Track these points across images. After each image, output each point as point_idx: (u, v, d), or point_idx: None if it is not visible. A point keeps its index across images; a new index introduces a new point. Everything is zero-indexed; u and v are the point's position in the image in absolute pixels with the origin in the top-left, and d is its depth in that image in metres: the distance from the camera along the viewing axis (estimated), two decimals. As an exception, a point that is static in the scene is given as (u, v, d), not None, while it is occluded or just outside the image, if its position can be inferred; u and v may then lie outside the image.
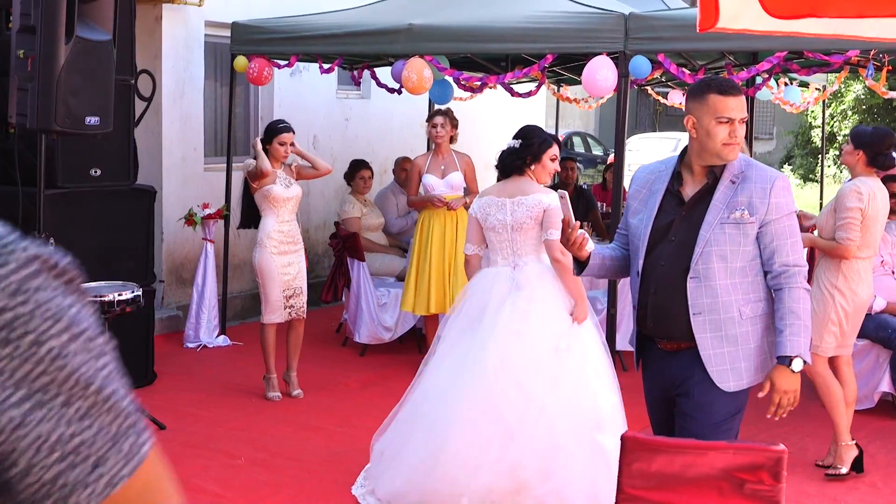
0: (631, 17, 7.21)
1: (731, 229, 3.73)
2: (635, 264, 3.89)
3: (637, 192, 3.97)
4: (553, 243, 5.30)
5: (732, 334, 3.76)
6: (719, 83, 3.81)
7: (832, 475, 5.81)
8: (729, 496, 3.20)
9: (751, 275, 3.77)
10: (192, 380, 7.72)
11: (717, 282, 3.74)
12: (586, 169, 24.70)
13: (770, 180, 3.77)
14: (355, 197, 9.24)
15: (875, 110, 24.76)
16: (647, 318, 3.87)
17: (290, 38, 8.46)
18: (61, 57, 5.79)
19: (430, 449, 5.26)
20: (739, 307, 3.75)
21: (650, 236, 3.83)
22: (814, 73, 8.51)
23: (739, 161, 3.82)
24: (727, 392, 3.79)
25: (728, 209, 3.74)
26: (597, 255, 3.92)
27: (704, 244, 3.73)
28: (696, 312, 3.76)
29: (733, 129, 3.74)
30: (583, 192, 10.81)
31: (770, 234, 3.74)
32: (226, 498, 5.45)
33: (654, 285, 3.83)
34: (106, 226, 7.22)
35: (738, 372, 3.78)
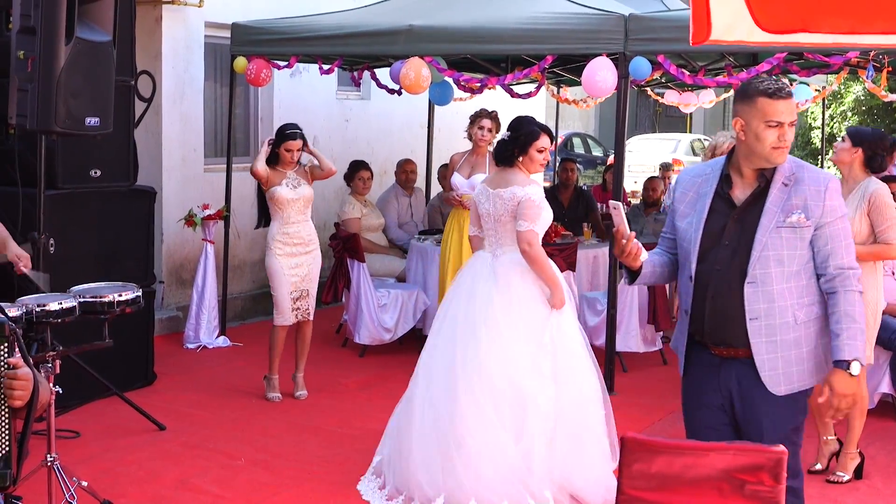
0: (631, 19, 7.22)
1: (788, 233, 3.70)
2: (687, 268, 3.83)
3: (683, 195, 3.91)
4: (522, 234, 5.45)
5: (786, 339, 3.73)
6: (768, 86, 3.71)
7: (833, 481, 5.80)
8: (729, 497, 3.20)
9: (805, 278, 3.75)
10: (192, 380, 7.72)
11: (774, 286, 3.71)
12: (586, 170, 24.69)
13: (823, 182, 3.73)
14: (355, 198, 9.25)
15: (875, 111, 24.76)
16: (703, 324, 3.82)
17: (289, 39, 8.46)
18: (61, 58, 5.79)
19: (436, 446, 5.35)
20: (794, 311, 3.73)
21: (702, 240, 3.79)
22: (814, 73, 8.51)
23: (790, 163, 3.78)
24: (787, 399, 3.76)
25: (783, 213, 3.70)
26: (648, 263, 3.88)
27: (761, 249, 3.70)
28: (753, 318, 3.72)
29: (782, 133, 3.69)
30: (583, 194, 10.81)
31: (825, 237, 3.71)
32: (226, 499, 5.45)
33: (711, 290, 3.77)
34: (106, 227, 7.21)
35: (789, 377, 3.75)
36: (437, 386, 5.47)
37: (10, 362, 2.96)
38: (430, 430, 5.38)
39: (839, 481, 5.79)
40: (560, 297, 5.44)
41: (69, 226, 6.87)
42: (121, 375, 7.00)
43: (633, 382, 7.84)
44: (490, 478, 5.22)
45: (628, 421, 6.74)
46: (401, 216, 9.89)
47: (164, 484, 5.62)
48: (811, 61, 7.96)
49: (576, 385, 5.45)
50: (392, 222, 9.76)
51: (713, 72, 9.24)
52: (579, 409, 5.43)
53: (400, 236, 9.68)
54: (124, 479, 5.65)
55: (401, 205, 9.91)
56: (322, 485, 5.65)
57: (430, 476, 5.29)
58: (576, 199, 10.58)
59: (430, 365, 5.58)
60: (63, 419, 6.27)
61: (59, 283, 5.92)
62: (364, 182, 9.26)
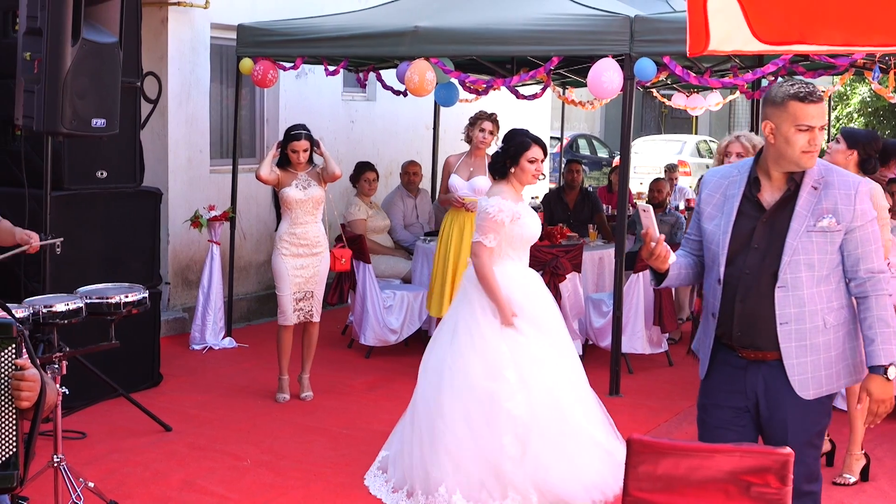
0: (636, 20, 7.21)
1: (818, 237, 3.69)
2: (715, 271, 3.82)
3: (710, 196, 3.90)
4: (472, 246, 5.57)
5: (816, 343, 3.73)
6: (799, 90, 3.68)
7: (840, 483, 5.80)
8: (735, 499, 3.20)
9: (834, 282, 3.74)
10: (198, 382, 7.72)
11: (805, 291, 3.70)
12: (591, 171, 24.68)
13: (854, 186, 3.72)
14: (360, 199, 9.25)
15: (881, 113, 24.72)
16: (732, 327, 3.80)
17: (295, 41, 8.47)
18: (68, 59, 5.80)
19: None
20: (824, 315, 3.72)
21: (730, 243, 3.78)
22: (819, 75, 8.50)
23: (818, 166, 3.76)
24: (815, 402, 3.76)
25: (813, 216, 3.69)
26: (675, 265, 3.88)
27: (792, 253, 3.69)
28: (784, 322, 3.71)
29: (813, 137, 3.67)
30: (588, 195, 10.79)
31: (855, 241, 3.71)
32: (231, 500, 5.45)
33: (740, 293, 3.76)
34: (112, 228, 7.22)
35: (818, 381, 3.75)
36: (427, 384, 5.56)
37: (17, 363, 2.97)
38: (422, 424, 5.47)
39: (846, 483, 5.79)
40: (505, 315, 5.44)
41: (75, 227, 6.88)
42: (127, 376, 7.01)
43: (638, 384, 7.84)
44: (470, 471, 5.29)
45: (634, 422, 6.74)
46: (406, 217, 9.89)
47: (170, 485, 5.62)
48: (817, 62, 7.96)
49: (546, 391, 5.42)
50: (397, 224, 9.76)
51: (719, 73, 9.23)
52: (556, 414, 5.41)
53: (405, 237, 9.68)
54: (130, 480, 5.66)
55: (406, 206, 9.91)
56: (328, 486, 5.66)
57: (424, 468, 5.36)
58: (581, 201, 10.58)
59: (425, 364, 5.69)
60: (69, 420, 6.28)
61: (66, 284, 5.93)
62: (369, 183, 9.27)
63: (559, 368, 5.52)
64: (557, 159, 18.32)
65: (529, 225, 5.60)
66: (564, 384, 5.51)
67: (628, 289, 8.06)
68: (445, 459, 5.32)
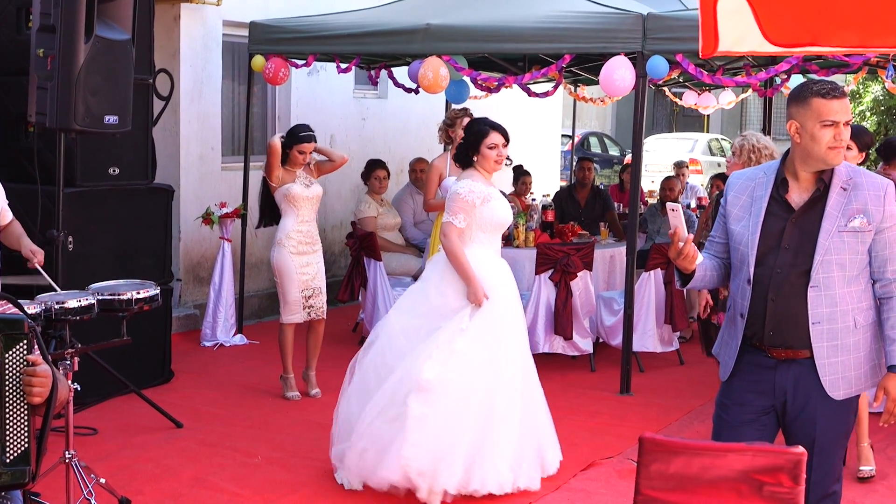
0: (649, 18, 7.20)
1: (850, 238, 3.69)
2: (745, 272, 3.80)
3: (736, 198, 3.88)
4: (442, 226, 5.70)
5: (846, 343, 3.72)
6: (821, 86, 3.68)
7: (867, 477, 5.78)
8: (748, 498, 3.19)
9: (863, 282, 3.75)
10: (209, 378, 7.74)
11: (837, 290, 3.70)
12: (603, 169, 24.64)
13: (882, 187, 3.72)
14: (371, 196, 9.25)
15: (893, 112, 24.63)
16: (763, 327, 3.79)
17: (307, 38, 8.47)
18: (80, 56, 5.81)
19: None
20: (855, 316, 3.72)
21: (759, 243, 3.77)
22: (833, 73, 8.46)
23: (846, 167, 3.76)
24: (844, 402, 3.76)
25: (844, 217, 3.69)
26: (700, 266, 3.87)
27: (824, 253, 3.68)
28: (816, 322, 3.71)
29: (838, 133, 3.66)
30: (599, 193, 10.78)
31: (883, 242, 3.71)
32: (243, 497, 5.46)
33: (771, 293, 3.75)
34: (124, 224, 7.24)
35: (848, 381, 3.75)
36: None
37: (29, 359, 2.98)
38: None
39: (871, 476, 5.80)
40: (475, 292, 5.50)
41: (88, 224, 6.90)
42: (138, 373, 7.03)
43: (649, 382, 7.83)
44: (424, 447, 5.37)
45: (645, 421, 6.73)
46: (416, 215, 9.89)
47: (180, 481, 5.63)
48: (830, 61, 7.93)
49: (485, 376, 5.49)
50: (408, 221, 9.76)
51: (731, 71, 9.21)
52: (488, 399, 5.48)
53: (416, 235, 9.68)
54: (141, 476, 5.67)
55: (416, 203, 9.90)
56: (339, 483, 5.65)
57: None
58: (593, 199, 10.56)
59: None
60: (81, 416, 6.30)
61: (78, 281, 5.94)
62: (380, 181, 9.27)
63: (498, 361, 5.54)
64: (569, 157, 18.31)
65: (499, 209, 5.67)
66: (501, 377, 5.52)
67: (639, 287, 8.04)
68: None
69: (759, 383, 3.82)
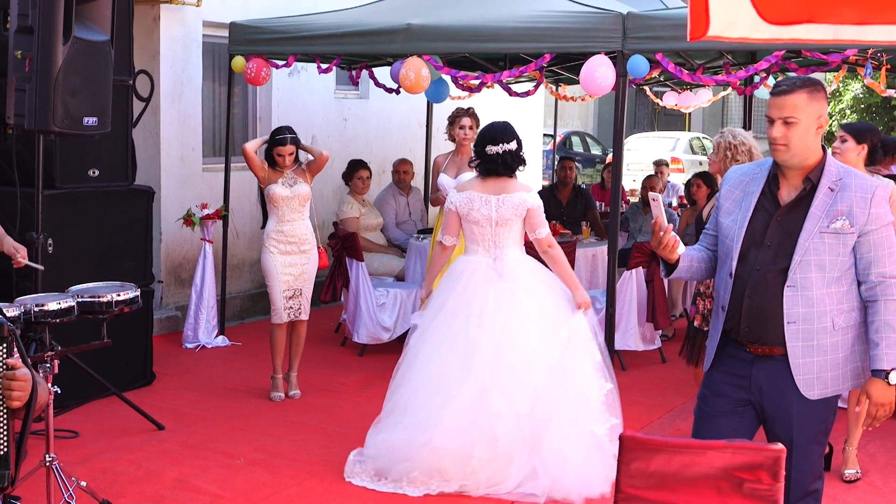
0: (629, 17, 7.22)
1: (831, 239, 3.68)
2: (728, 265, 3.82)
3: (729, 192, 3.91)
4: (542, 240, 5.80)
5: (823, 344, 3.72)
6: (775, 83, 3.76)
7: (852, 480, 5.80)
8: (728, 495, 3.20)
9: (846, 284, 3.73)
10: (191, 380, 7.71)
11: (814, 291, 3.69)
12: (585, 168, 24.69)
13: (870, 189, 3.71)
14: (353, 197, 9.24)
15: (873, 109, 24.78)
16: (740, 322, 3.81)
17: (288, 38, 8.45)
18: (59, 57, 5.78)
19: (424, 430, 5.54)
20: (833, 317, 3.71)
21: (744, 239, 3.79)
22: (812, 72, 8.50)
23: (837, 168, 3.76)
24: (819, 401, 3.76)
25: (827, 218, 3.68)
26: (685, 257, 3.88)
27: (803, 253, 3.68)
28: (791, 321, 3.71)
29: (771, 129, 3.70)
30: (581, 192, 10.81)
31: (868, 244, 3.69)
32: (225, 498, 5.45)
33: (749, 289, 3.76)
34: (104, 226, 7.21)
35: (823, 381, 3.74)
36: (436, 385, 5.61)
37: (8, 363, 2.96)
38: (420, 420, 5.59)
39: (856, 479, 5.81)
40: (584, 294, 5.75)
41: (67, 225, 6.87)
42: (119, 375, 7.00)
43: (631, 381, 7.84)
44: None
45: (627, 419, 6.71)
46: (399, 215, 9.89)
47: (162, 483, 5.62)
48: (809, 59, 7.96)
49: (575, 382, 5.56)
50: (390, 222, 9.75)
51: (711, 70, 9.23)
52: (574, 405, 5.54)
53: (398, 235, 9.68)
54: (123, 479, 5.65)
55: (398, 204, 9.90)
56: (321, 483, 5.65)
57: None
58: (574, 198, 10.59)
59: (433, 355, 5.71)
60: (62, 419, 6.27)
61: (58, 283, 5.92)
62: (363, 181, 9.26)
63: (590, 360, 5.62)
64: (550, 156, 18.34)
65: None
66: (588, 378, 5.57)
67: (621, 286, 8.06)
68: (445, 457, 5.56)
69: (737, 377, 3.85)
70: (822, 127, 3.74)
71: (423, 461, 5.48)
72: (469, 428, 5.47)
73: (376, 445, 5.73)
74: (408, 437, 5.57)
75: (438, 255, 6.03)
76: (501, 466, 5.49)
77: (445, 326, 5.70)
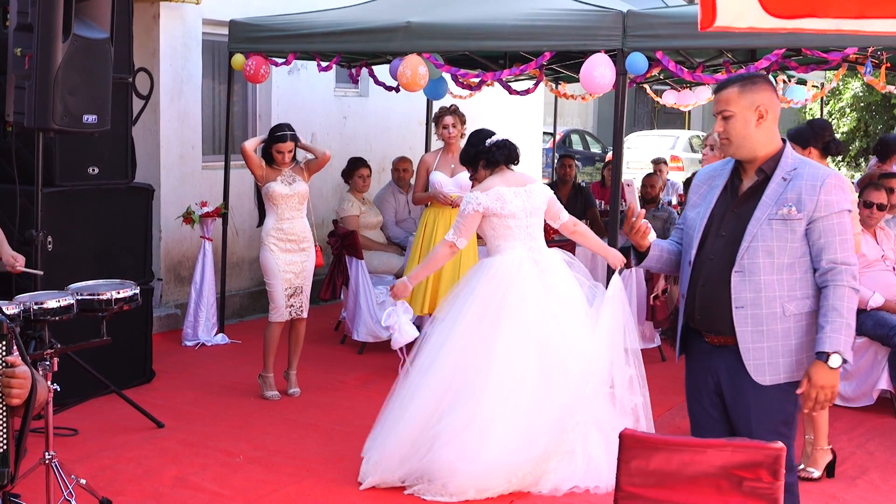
0: (629, 15, 7.21)
1: (779, 225, 3.75)
2: (688, 255, 3.93)
3: (697, 187, 4.04)
4: (566, 224, 5.97)
5: (774, 330, 3.77)
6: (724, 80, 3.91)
7: (804, 478, 5.77)
8: (728, 494, 3.20)
9: (799, 272, 3.78)
10: (191, 378, 7.71)
11: (762, 277, 3.76)
12: (584, 167, 24.70)
13: (821, 178, 3.77)
14: (353, 195, 9.24)
15: (873, 107, 24.77)
16: (694, 311, 3.91)
17: (287, 36, 8.44)
18: (58, 55, 5.78)
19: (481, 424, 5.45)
20: (783, 303, 3.77)
21: (704, 229, 3.89)
22: (812, 70, 8.50)
23: (793, 159, 3.85)
24: (779, 390, 3.79)
25: (777, 205, 3.76)
26: (656, 246, 4.00)
27: (751, 239, 3.76)
28: (739, 306, 3.78)
29: (716, 124, 3.86)
30: (581, 190, 10.79)
31: (818, 231, 3.75)
32: (224, 496, 5.45)
33: (703, 278, 3.87)
34: (104, 224, 7.20)
35: (775, 367, 3.79)
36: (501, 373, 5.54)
37: (7, 360, 2.96)
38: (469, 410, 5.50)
39: (809, 477, 5.76)
40: (616, 254, 6.00)
41: (67, 223, 6.86)
42: (119, 373, 6.99)
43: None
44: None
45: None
46: (398, 214, 9.88)
47: (162, 481, 5.61)
48: (809, 58, 7.95)
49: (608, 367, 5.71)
50: (389, 220, 9.74)
51: (711, 68, 9.22)
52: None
53: (398, 234, 9.67)
54: (122, 477, 5.65)
55: (398, 202, 9.89)
56: (320, 482, 5.65)
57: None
58: (574, 196, 10.57)
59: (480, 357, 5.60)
60: (61, 417, 6.27)
61: (57, 281, 5.91)
62: (363, 179, 9.25)
63: None
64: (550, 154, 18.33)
65: None
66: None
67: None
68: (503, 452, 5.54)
69: (702, 368, 3.96)
70: (764, 117, 3.82)
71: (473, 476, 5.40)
72: (528, 432, 5.45)
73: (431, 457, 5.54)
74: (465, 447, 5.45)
75: (445, 256, 5.92)
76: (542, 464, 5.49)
77: (510, 333, 5.58)
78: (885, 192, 7.07)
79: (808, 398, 3.71)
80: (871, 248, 6.99)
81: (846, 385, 7.01)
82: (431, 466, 5.42)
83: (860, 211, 6.92)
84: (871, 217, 6.97)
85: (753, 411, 3.82)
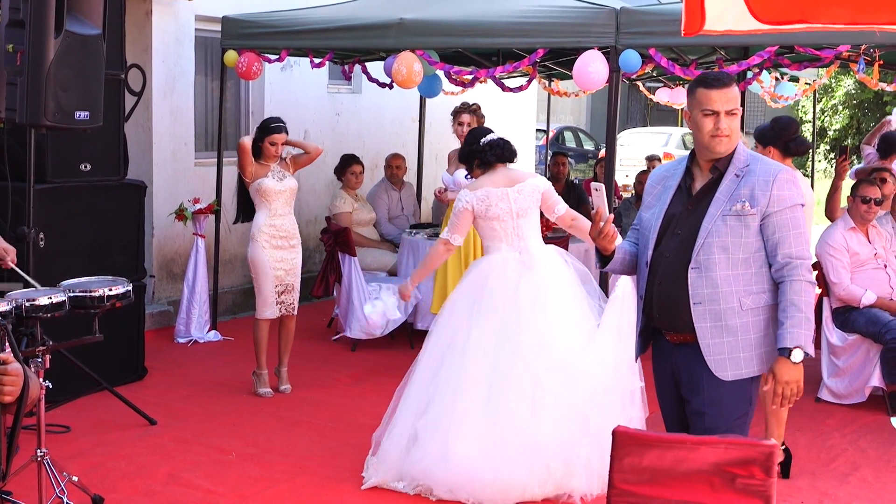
0: (622, 12, 7.22)
1: (733, 221, 3.78)
2: (644, 256, 3.95)
3: (652, 188, 4.05)
4: (563, 217, 5.84)
5: (732, 325, 3.80)
6: (706, 77, 3.88)
7: None
8: (720, 491, 3.20)
9: (754, 266, 3.81)
10: (183, 375, 7.70)
11: (718, 272, 3.78)
12: (577, 164, 24.69)
13: (773, 173, 3.81)
14: (346, 192, 9.23)
15: (865, 105, 24.82)
16: (653, 310, 3.94)
17: (280, 33, 8.43)
18: (50, 51, 5.76)
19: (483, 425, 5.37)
20: (740, 298, 3.79)
21: (659, 229, 3.90)
22: (804, 67, 8.51)
23: (745, 155, 3.88)
24: (735, 386, 3.82)
25: (730, 202, 3.79)
26: (619, 249, 4.02)
27: (706, 235, 3.79)
28: (697, 302, 3.80)
29: (717, 121, 3.80)
30: (574, 188, 10.80)
31: (772, 226, 3.78)
32: (216, 493, 5.44)
33: (659, 277, 3.89)
34: (96, 221, 7.19)
35: (736, 362, 3.81)
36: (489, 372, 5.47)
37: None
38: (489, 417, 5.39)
39: None
40: None
41: (59, 220, 6.85)
42: (111, 370, 6.98)
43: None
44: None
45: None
46: (391, 210, 9.88)
47: (154, 478, 5.61)
48: (802, 55, 7.96)
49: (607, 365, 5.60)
50: (382, 216, 9.74)
51: (704, 65, 9.23)
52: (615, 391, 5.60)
53: (391, 230, 9.67)
54: (115, 474, 5.64)
55: (391, 199, 9.90)
56: (314, 479, 5.65)
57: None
58: (567, 193, 10.55)
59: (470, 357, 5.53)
60: (53, 414, 6.25)
61: (49, 278, 5.90)
62: (356, 176, 9.25)
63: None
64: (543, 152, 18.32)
65: None
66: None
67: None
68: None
69: (666, 368, 4.01)
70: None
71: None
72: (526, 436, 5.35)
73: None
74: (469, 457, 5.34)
75: (441, 254, 5.90)
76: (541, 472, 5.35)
77: (482, 329, 5.52)
78: (878, 186, 7.08)
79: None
80: (864, 247, 7.01)
81: (838, 382, 7.03)
82: (411, 469, 5.39)
83: (858, 207, 6.94)
84: (869, 212, 6.98)
85: (709, 409, 3.85)
